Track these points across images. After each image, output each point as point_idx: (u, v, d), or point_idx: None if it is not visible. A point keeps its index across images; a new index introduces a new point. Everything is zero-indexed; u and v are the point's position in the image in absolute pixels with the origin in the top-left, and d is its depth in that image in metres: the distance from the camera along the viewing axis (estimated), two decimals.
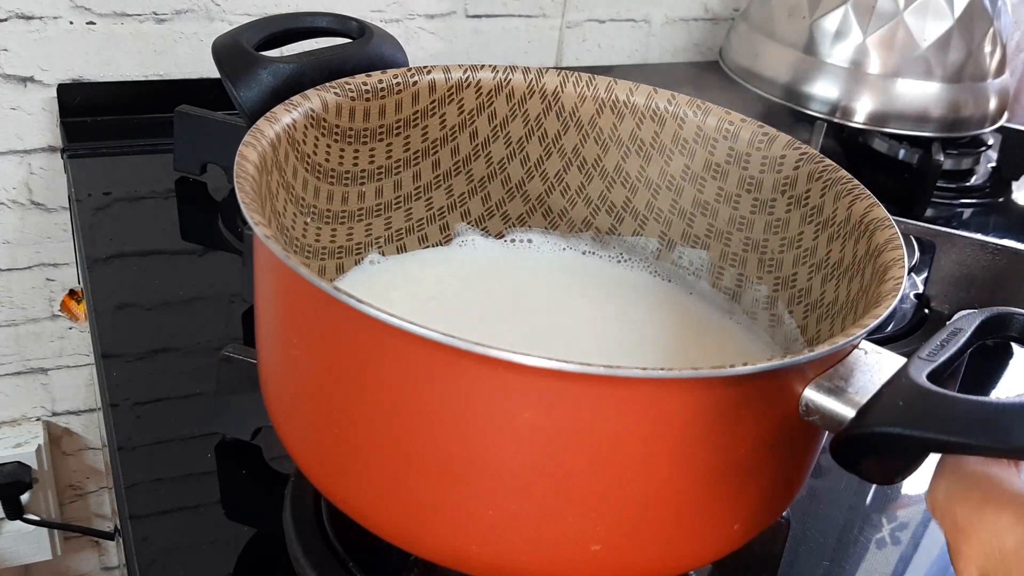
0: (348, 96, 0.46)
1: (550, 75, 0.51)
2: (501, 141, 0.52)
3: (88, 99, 0.79)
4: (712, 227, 0.50)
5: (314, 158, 0.46)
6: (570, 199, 0.53)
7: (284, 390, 0.38)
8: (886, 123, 0.84)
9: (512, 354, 0.29)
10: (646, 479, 0.32)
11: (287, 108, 0.44)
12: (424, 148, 0.51)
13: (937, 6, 0.82)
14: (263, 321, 0.39)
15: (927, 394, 0.29)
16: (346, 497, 0.37)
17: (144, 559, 0.44)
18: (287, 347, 0.37)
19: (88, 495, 0.99)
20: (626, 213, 0.52)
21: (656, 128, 0.50)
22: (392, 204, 0.51)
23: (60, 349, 0.90)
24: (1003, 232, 0.86)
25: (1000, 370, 0.66)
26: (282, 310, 0.37)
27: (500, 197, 0.53)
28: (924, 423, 0.28)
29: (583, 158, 0.52)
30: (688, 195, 0.50)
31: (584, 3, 0.96)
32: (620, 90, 0.50)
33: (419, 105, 0.49)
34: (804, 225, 0.45)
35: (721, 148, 0.48)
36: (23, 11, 0.75)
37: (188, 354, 0.57)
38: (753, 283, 0.48)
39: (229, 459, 0.50)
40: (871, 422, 0.30)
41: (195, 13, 0.80)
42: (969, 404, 0.28)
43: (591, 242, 0.53)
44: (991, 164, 0.96)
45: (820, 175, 0.44)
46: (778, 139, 0.46)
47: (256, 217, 0.35)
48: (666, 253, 0.52)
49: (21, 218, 0.82)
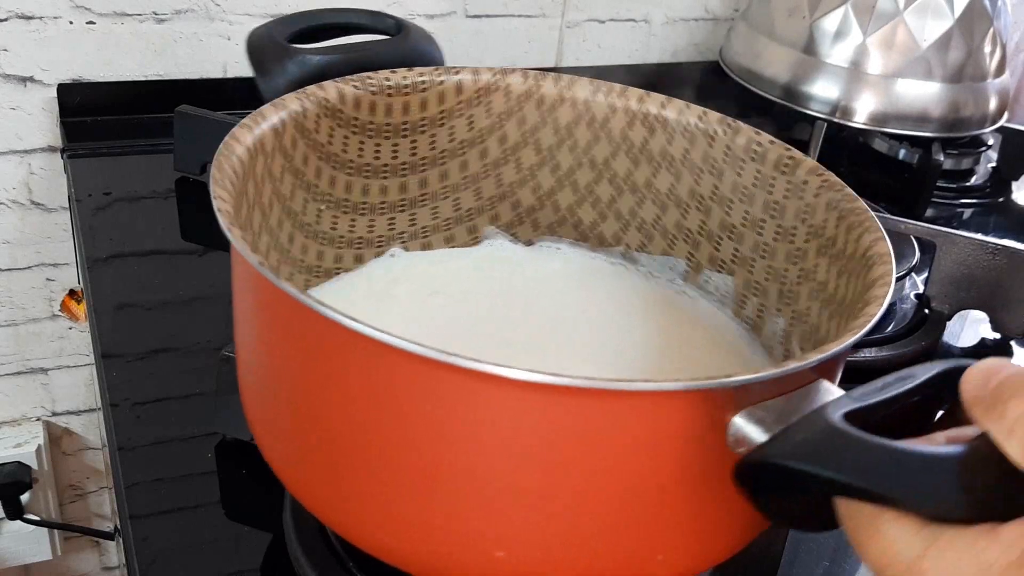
0: (368, 90, 0.46)
1: (581, 84, 0.50)
2: (531, 147, 0.51)
3: (88, 99, 0.79)
4: (738, 252, 0.48)
5: (328, 147, 0.46)
6: (600, 212, 0.52)
7: (256, 395, 0.38)
8: (886, 123, 0.83)
9: (468, 361, 0.28)
10: (604, 491, 0.31)
11: (298, 96, 0.44)
12: (451, 148, 0.50)
13: (937, 6, 0.82)
14: (238, 323, 0.39)
15: (832, 431, 0.26)
16: (323, 508, 0.37)
17: (144, 559, 0.44)
18: (255, 349, 0.37)
19: (88, 495, 0.99)
20: (656, 231, 0.51)
21: (686, 145, 0.48)
22: (417, 201, 0.51)
23: (60, 349, 0.90)
24: (1003, 232, 0.86)
25: None
26: (247, 308, 0.36)
27: (530, 204, 0.52)
28: (819, 459, 0.26)
29: (614, 171, 0.51)
30: (716, 217, 0.48)
31: (584, 3, 0.96)
32: (652, 103, 0.49)
33: (445, 105, 0.49)
34: (819, 257, 0.43)
35: (749, 170, 0.46)
36: (23, 11, 0.75)
37: (188, 354, 0.57)
38: (773, 315, 0.46)
39: (229, 459, 0.50)
40: (768, 451, 0.28)
41: (195, 13, 0.80)
42: (877, 447, 0.25)
43: (621, 257, 0.52)
44: (991, 164, 0.96)
45: (837, 204, 0.42)
46: (803, 164, 0.44)
47: (221, 193, 0.35)
48: (693, 275, 0.50)
49: (21, 218, 0.82)
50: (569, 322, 0.49)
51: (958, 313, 0.67)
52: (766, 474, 0.28)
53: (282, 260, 0.46)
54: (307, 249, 0.47)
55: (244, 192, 0.40)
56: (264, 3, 0.82)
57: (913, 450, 0.25)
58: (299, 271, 0.47)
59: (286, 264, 0.46)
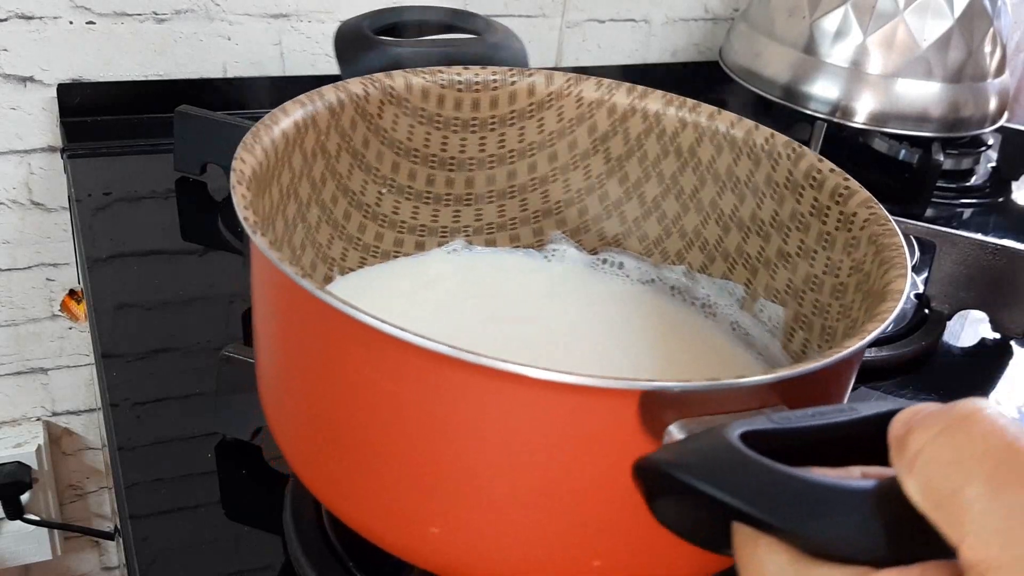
0: (438, 83, 0.47)
1: (654, 96, 0.49)
2: (600, 155, 0.51)
3: (88, 99, 0.79)
4: (791, 283, 0.46)
5: (392, 134, 0.47)
6: (665, 228, 0.51)
7: (275, 390, 0.38)
8: (886, 123, 0.83)
9: (480, 357, 0.28)
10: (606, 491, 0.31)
11: (362, 81, 0.45)
12: (520, 149, 0.51)
13: (937, 6, 0.82)
14: (257, 317, 0.39)
15: (721, 446, 0.25)
16: (340, 504, 0.37)
17: (144, 559, 0.44)
18: (275, 344, 0.37)
19: (88, 495, 0.99)
20: (717, 253, 0.50)
21: (751, 166, 0.47)
22: (484, 197, 0.51)
23: (60, 349, 0.90)
24: (1003, 232, 0.86)
25: (1000, 370, 0.66)
26: (266, 299, 0.37)
27: (597, 213, 0.52)
28: (697, 470, 0.25)
29: (681, 187, 0.50)
30: (774, 244, 0.47)
31: (584, 3, 0.96)
32: (722, 121, 0.48)
33: (516, 105, 0.49)
34: (856, 293, 0.42)
35: (807, 197, 0.45)
36: (23, 11, 0.75)
37: (188, 354, 0.57)
38: (815, 351, 0.45)
39: (229, 459, 0.50)
40: (655, 456, 0.27)
41: (195, 13, 0.80)
42: (758, 468, 0.24)
43: (683, 277, 0.51)
44: (991, 164, 0.96)
45: (877, 239, 0.41)
46: (856, 195, 0.43)
47: (240, 166, 0.35)
48: (749, 303, 0.49)
49: (21, 218, 0.82)
50: (597, 338, 0.48)
51: (958, 313, 0.67)
52: (649, 477, 0.27)
53: (335, 235, 0.47)
54: (365, 228, 0.49)
55: (287, 163, 0.41)
56: (264, 3, 0.82)
57: (795, 475, 0.24)
58: (355, 248, 0.48)
59: (340, 240, 0.48)
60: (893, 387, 0.62)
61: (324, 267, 0.48)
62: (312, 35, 0.86)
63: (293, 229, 0.45)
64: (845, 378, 0.36)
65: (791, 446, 0.26)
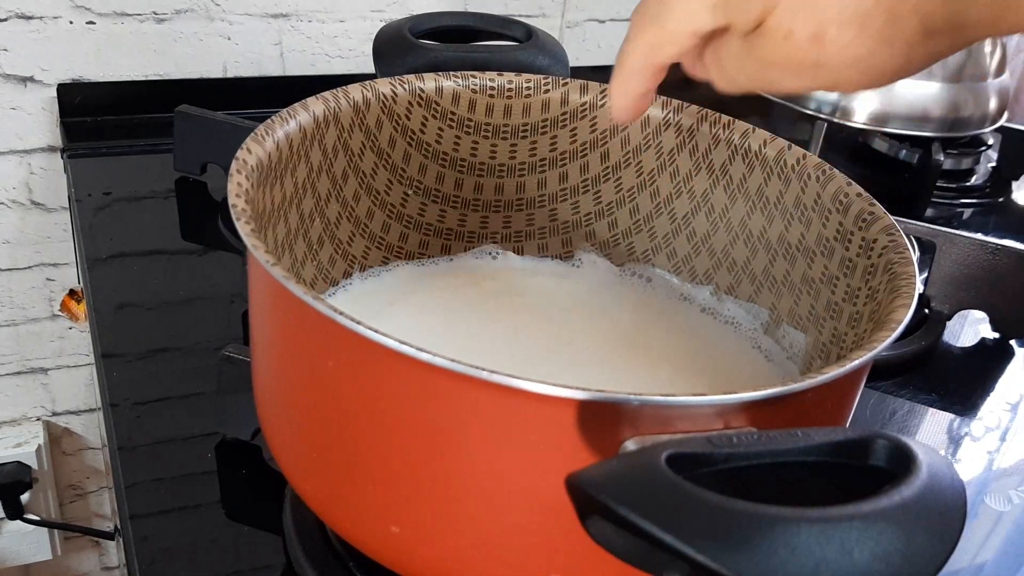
0: (469, 88, 0.47)
1: (688, 111, 0.49)
2: (632, 169, 0.50)
3: (88, 99, 0.79)
4: (813, 309, 0.45)
5: (420, 136, 0.47)
6: (695, 246, 0.50)
7: (269, 397, 0.38)
8: (886, 123, 0.83)
9: (435, 357, 0.28)
10: None
11: (391, 81, 0.45)
12: (551, 158, 0.50)
13: None
14: (253, 322, 0.39)
15: (639, 465, 0.25)
16: (335, 517, 0.37)
17: (144, 559, 0.44)
18: (269, 350, 0.37)
19: (88, 495, 0.99)
20: (744, 275, 0.49)
21: (781, 187, 0.46)
22: (513, 204, 0.51)
23: (60, 349, 0.90)
24: (1003, 232, 0.86)
25: (1000, 370, 0.66)
26: (261, 303, 0.37)
27: (627, 227, 0.52)
28: (609, 489, 0.24)
29: (711, 204, 0.49)
30: (800, 268, 0.46)
31: (584, 3, 0.96)
32: (755, 140, 0.47)
33: (549, 114, 0.49)
34: (868, 322, 0.41)
35: (833, 221, 0.44)
36: (23, 11, 0.75)
37: (188, 354, 0.57)
38: None
39: (229, 459, 0.50)
40: (579, 474, 0.26)
41: (195, 13, 0.80)
42: (673, 491, 0.23)
43: (710, 296, 0.51)
44: (991, 164, 0.96)
45: (892, 267, 0.40)
46: (879, 221, 0.42)
47: (241, 162, 0.35)
48: (773, 328, 0.48)
49: (21, 218, 0.82)
50: (620, 350, 0.47)
51: (958, 313, 0.67)
52: (575, 495, 0.26)
53: (356, 232, 0.47)
54: (389, 227, 0.49)
55: (304, 157, 0.41)
56: (264, 3, 0.82)
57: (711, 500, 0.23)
58: (377, 247, 0.48)
59: (361, 237, 0.48)
60: (893, 387, 0.62)
61: (344, 264, 0.48)
62: (312, 35, 0.86)
63: (310, 223, 0.45)
64: (831, 402, 0.35)
65: (741, 472, 0.25)
